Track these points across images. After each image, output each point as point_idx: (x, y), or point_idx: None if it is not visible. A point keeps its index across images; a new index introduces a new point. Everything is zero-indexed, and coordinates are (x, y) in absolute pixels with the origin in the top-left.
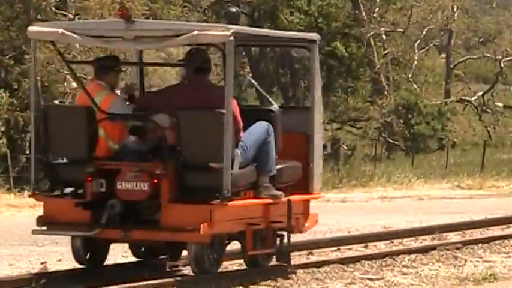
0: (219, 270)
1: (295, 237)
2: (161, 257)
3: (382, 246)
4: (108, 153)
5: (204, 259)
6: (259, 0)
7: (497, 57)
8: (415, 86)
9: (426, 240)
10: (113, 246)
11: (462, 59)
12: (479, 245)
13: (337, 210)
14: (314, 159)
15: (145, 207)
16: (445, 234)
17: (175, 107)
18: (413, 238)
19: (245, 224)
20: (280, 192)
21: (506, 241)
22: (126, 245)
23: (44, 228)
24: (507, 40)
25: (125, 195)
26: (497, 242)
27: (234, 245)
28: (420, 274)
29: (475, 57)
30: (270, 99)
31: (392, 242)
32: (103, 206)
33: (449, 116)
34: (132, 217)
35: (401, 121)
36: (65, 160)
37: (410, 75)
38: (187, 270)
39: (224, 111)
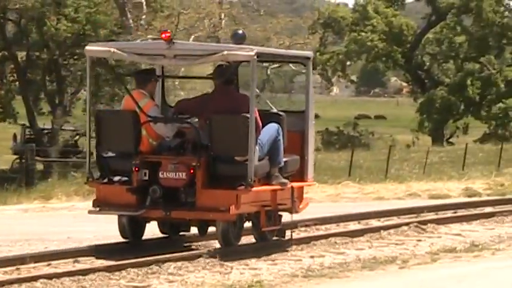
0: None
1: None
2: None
3: None
4: (148, 148)
5: (230, 234)
6: (27, 7)
7: (264, 65)
8: (182, 93)
9: (193, 248)
10: None
11: None
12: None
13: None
14: (309, 153)
15: (183, 192)
16: (212, 241)
17: (208, 111)
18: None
19: (260, 206)
20: (286, 181)
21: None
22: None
23: (98, 209)
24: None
25: (166, 183)
26: (263, 249)
27: None
28: (186, 282)
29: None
30: (271, 105)
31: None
32: (146, 191)
33: None
34: (172, 200)
35: None
36: (113, 154)
37: (177, 83)
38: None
39: (248, 115)
